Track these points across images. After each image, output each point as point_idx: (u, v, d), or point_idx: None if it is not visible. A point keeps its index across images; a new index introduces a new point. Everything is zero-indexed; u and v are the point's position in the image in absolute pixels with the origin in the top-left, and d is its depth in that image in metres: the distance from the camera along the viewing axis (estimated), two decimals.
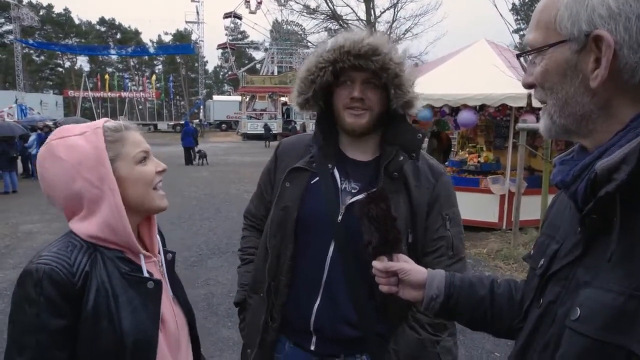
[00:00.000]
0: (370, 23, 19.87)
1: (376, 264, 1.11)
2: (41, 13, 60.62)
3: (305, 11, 22.04)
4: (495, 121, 8.58)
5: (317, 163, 1.51)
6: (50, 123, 18.30)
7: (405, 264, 1.10)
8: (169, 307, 1.23)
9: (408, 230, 1.43)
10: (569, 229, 0.78)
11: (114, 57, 68.34)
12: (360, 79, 1.42)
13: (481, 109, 7.44)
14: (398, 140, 1.47)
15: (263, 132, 31.49)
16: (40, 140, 14.16)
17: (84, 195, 1.10)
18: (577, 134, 0.76)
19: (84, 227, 1.12)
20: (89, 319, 1.05)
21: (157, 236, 1.28)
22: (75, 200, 1.12)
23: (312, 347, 1.47)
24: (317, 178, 1.50)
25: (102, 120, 1.20)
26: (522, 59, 0.82)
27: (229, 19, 47.23)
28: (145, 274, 1.16)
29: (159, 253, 1.28)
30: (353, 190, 1.47)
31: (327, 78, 1.42)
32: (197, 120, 42.55)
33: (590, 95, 0.70)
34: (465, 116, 7.19)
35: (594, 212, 0.68)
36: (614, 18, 0.65)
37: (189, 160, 18.89)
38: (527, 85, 0.82)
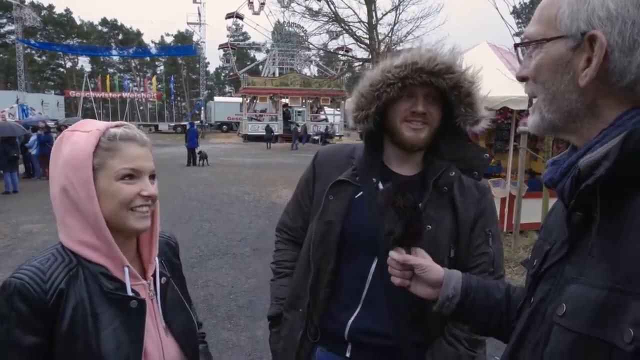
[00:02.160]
0: (372, 25, 19.89)
1: (394, 254, 1.07)
2: (43, 13, 60.73)
3: (307, 13, 22.09)
4: (496, 124, 8.57)
5: (360, 177, 1.48)
6: (50, 123, 18.33)
7: (424, 260, 1.08)
8: (154, 336, 1.14)
9: (451, 245, 1.41)
10: (560, 230, 0.79)
11: (116, 58, 68.47)
12: (423, 93, 1.38)
13: None
14: (455, 155, 1.43)
15: (264, 133, 31.49)
16: (40, 141, 14.20)
17: (66, 193, 1.07)
18: (563, 130, 0.78)
19: (69, 230, 1.08)
20: (64, 338, 1.00)
21: (156, 259, 1.22)
22: (61, 197, 1.08)
23: (348, 354, 1.46)
24: (362, 192, 1.47)
25: (112, 123, 1.15)
26: (519, 51, 0.84)
27: (231, 20, 47.33)
28: (129, 292, 1.09)
29: (153, 276, 1.20)
30: None
31: (393, 94, 1.36)
32: (198, 122, 42.61)
33: (578, 92, 0.72)
34: None
35: (579, 208, 0.69)
36: (611, 20, 0.67)
37: (192, 161, 18.92)
38: (520, 78, 0.83)
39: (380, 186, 1.46)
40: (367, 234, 1.42)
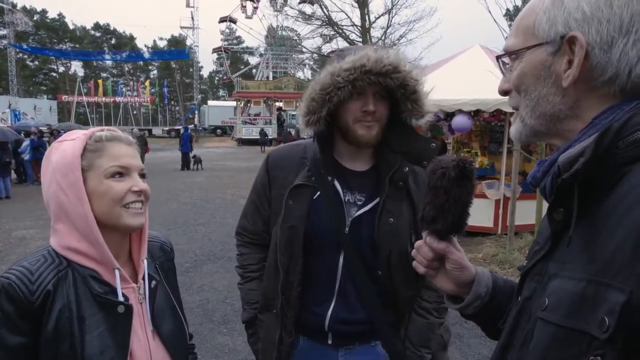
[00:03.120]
0: (365, 29, 19.96)
1: (434, 243, 0.94)
2: (35, 18, 60.48)
3: (300, 17, 22.14)
4: (490, 126, 8.62)
5: (315, 177, 1.52)
6: (43, 128, 18.23)
7: (462, 258, 0.97)
8: (142, 339, 1.14)
9: (412, 232, 1.49)
10: (547, 229, 0.80)
11: (109, 62, 68.22)
12: (372, 91, 1.43)
13: (476, 114, 7.46)
14: (404, 148, 1.50)
15: (258, 137, 31.44)
16: (33, 146, 14.11)
17: (55, 199, 1.09)
18: (546, 134, 0.80)
19: (59, 236, 1.10)
20: (49, 340, 1.01)
21: (145, 261, 1.21)
22: (52, 204, 1.11)
23: (330, 342, 1.53)
24: (319, 192, 1.51)
25: (98, 128, 1.18)
26: (501, 64, 0.86)
27: (224, 24, 47.34)
28: (120, 297, 1.10)
29: (143, 279, 1.20)
30: (358, 202, 1.51)
31: (343, 96, 1.40)
32: (192, 126, 42.49)
33: (560, 94, 0.75)
34: (460, 121, 7.21)
35: (560, 205, 0.71)
36: (587, 21, 0.71)
37: (186, 165, 18.88)
38: (503, 92, 0.85)
39: (337, 184, 1.51)
40: (330, 232, 1.49)
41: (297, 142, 1.71)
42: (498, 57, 0.87)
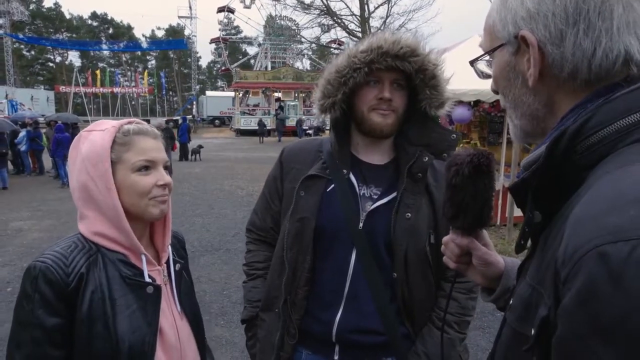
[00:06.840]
0: (364, 18, 19.83)
1: (458, 239, 0.94)
2: (31, 7, 59.94)
3: (299, 6, 21.98)
4: (490, 117, 8.58)
5: (330, 169, 1.46)
6: (40, 119, 18.14)
7: (488, 254, 0.96)
8: (169, 317, 1.22)
9: (430, 231, 1.41)
10: None
11: (106, 52, 67.83)
12: (389, 79, 1.39)
13: (475, 104, 7.42)
14: (423, 140, 1.44)
15: (257, 127, 31.35)
16: (30, 137, 14.03)
17: (86, 188, 1.14)
18: (535, 134, 0.78)
19: (88, 222, 1.15)
20: (84, 320, 1.08)
21: (170, 247, 1.30)
22: (81, 192, 1.16)
23: (336, 357, 1.43)
24: (333, 185, 1.44)
25: (125, 120, 1.22)
26: (486, 63, 0.83)
27: (222, 14, 47.02)
28: (147, 279, 1.17)
29: (166, 263, 1.27)
30: (374, 196, 1.44)
31: (359, 79, 1.37)
32: (190, 116, 42.31)
33: (532, 94, 0.73)
34: (459, 112, 7.16)
35: (530, 207, 0.70)
36: (533, 18, 0.68)
37: (184, 156, 18.83)
38: (494, 92, 0.83)
39: (352, 177, 1.45)
40: (342, 226, 1.41)
41: (315, 137, 1.69)
42: (471, 63, 0.84)
